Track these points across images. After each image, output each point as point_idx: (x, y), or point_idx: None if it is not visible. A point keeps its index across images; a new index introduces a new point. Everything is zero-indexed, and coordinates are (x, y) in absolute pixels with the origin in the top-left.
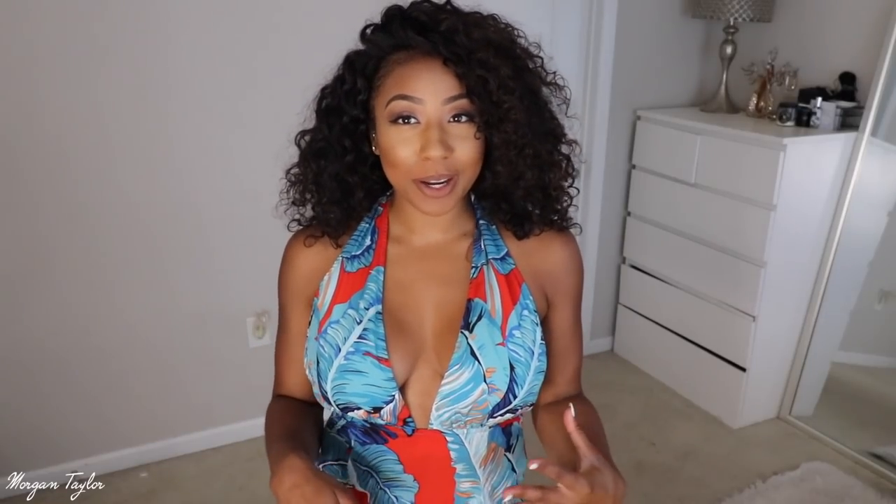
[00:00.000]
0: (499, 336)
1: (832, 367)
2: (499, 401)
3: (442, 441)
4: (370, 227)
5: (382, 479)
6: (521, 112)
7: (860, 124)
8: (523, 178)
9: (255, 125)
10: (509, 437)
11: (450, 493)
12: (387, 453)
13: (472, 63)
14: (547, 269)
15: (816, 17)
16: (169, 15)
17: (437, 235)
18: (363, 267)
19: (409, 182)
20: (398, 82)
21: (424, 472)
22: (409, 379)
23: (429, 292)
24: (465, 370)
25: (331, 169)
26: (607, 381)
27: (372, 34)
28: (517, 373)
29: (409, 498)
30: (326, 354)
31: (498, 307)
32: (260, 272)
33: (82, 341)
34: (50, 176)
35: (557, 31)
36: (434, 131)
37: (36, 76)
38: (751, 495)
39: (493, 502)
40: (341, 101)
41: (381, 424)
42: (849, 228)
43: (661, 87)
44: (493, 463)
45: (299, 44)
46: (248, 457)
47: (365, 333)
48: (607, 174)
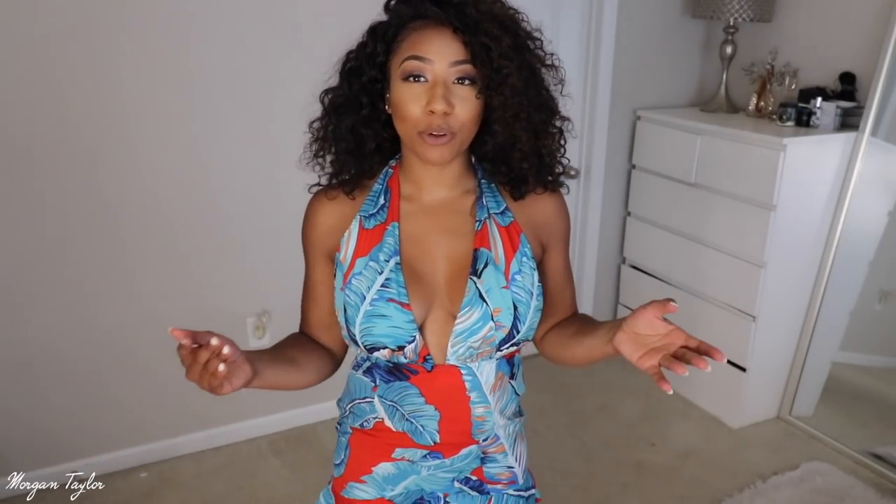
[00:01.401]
0: (503, 280)
1: (832, 367)
2: (504, 336)
3: (457, 374)
4: (383, 187)
5: (407, 412)
6: (519, 80)
7: (860, 124)
8: (519, 141)
9: (255, 126)
10: (512, 367)
11: (467, 418)
12: (409, 388)
13: (477, 32)
14: (541, 219)
15: (816, 17)
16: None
17: (444, 192)
18: (379, 224)
19: (415, 134)
20: (412, 45)
21: (444, 402)
22: (426, 321)
23: (439, 244)
24: (475, 311)
25: (347, 121)
26: (607, 381)
27: (395, 5)
28: (520, 311)
29: (434, 426)
30: (353, 302)
31: (501, 255)
32: (260, 272)
33: (82, 341)
34: (49, 177)
35: (558, 31)
36: (439, 88)
37: (52, 71)
38: (751, 495)
39: (503, 421)
40: (362, 63)
41: (403, 363)
42: (849, 228)
43: (661, 87)
44: (500, 389)
45: (312, 48)
46: (248, 457)
47: (387, 282)
48: (607, 174)
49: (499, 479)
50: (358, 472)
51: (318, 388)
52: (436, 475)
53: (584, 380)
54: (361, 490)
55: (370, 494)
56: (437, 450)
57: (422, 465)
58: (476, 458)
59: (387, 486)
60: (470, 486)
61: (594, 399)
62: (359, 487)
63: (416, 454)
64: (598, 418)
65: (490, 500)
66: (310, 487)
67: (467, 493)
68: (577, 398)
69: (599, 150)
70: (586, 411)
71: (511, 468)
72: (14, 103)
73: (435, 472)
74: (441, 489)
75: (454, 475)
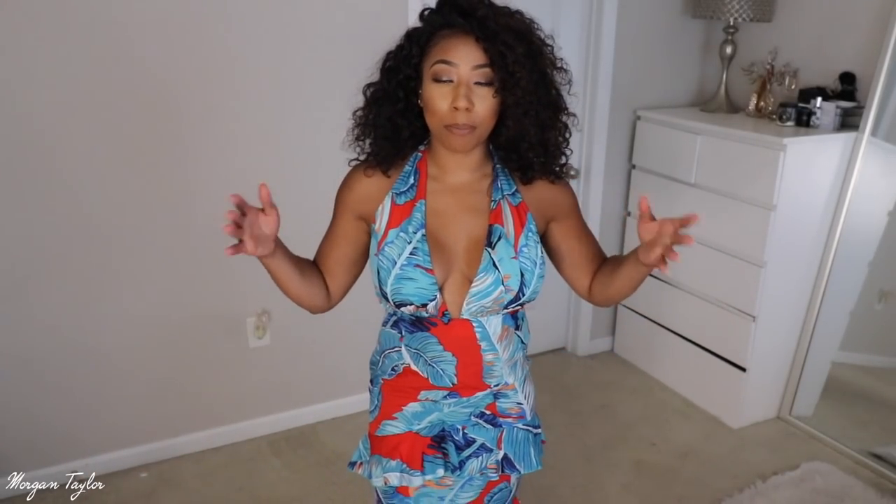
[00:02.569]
0: (512, 252)
1: (832, 367)
2: (512, 297)
3: (469, 326)
4: (412, 169)
5: (429, 357)
6: (529, 82)
7: (860, 124)
8: (528, 133)
9: (258, 126)
10: (517, 320)
11: (479, 362)
12: (430, 338)
13: (496, 41)
14: (548, 199)
15: (816, 17)
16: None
17: (465, 175)
18: (409, 200)
19: (441, 127)
20: (442, 50)
21: (459, 349)
22: (445, 283)
23: (459, 219)
24: (489, 276)
25: (386, 112)
26: (607, 381)
27: (428, 15)
28: (525, 278)
29: (452, 370)
30: (385, 266)
31: (511, 231)
32: (260, 272)
33: (82, 341)
34: (48, 175)
35: (558, 32)
36: (463, 88)
37: (30, 75)
38: (751, 495)
39: (509, 367)
40: (399, 63)
41: (425, 317)
42: (849, 228)
43: (661, 87)
44: (506, 339)
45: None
46: (248, 457)
47: (414, 251)
48: (607, 174)
49: (510, 413)
50: (390, 412)
51: (318, 388)
52: (456, 411)
53: (584, 380)
54: (393, 426)
55: (400, 429)
56: (454, 391)
57: (443, 404)
58: (489, 395)
59: (414, 421)
60: (485, 419)
61: (594, 399)
62: (391, 424)
63: (437, 395)
64: (598, 418)
65: (502, 432)
66: (310, 487)
67: (482, 425)
68: (577, 398)
69: (599, 150)
70: (586, 411)
71: (520, 404)
72: (11, 102)
73: (455, 408)
74: (460, 422)
75: (471, 410)
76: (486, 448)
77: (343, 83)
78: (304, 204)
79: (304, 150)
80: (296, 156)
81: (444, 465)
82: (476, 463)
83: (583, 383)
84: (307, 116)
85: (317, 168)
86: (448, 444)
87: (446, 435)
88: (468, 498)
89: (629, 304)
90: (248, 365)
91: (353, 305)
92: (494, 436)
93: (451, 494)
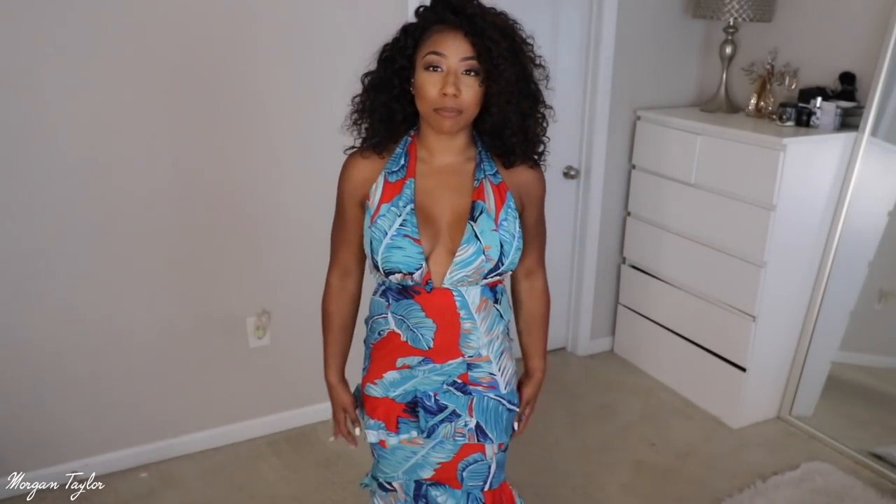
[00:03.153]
0: (493, 225)
1: (832, 367)
2: (492, 267)
3: (450, 295)
4: (403, 151)
5: (412, 323)
6: (511, 75)
7: (860, 124)
8: (510, 121)
9: (254, 128)
10: (496, 294)
11: (456, 330)
12: (414, 305)
13: (482, 37)
14: (523, 184)
15: (816, 17)
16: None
17: (451, 158)
18: (399, 179)
19: (431, 110)
20: (433, 43)
21: (439, 316)
22: (431, 254)
23: (445, 196)
24: (472, 246)
25: (382, 98)
26: (607, 381)
27: (422, 11)
28: (505, 249)
29: (430, 335)
30: (377, 237)
31: (492, 206)
32: (260, 272)
33: (82, 341)
34: (48, 174)
35: (558, 32)
36: (451, 77)
37: (34, 77)
38: (751, 495)
39: (487, 338)
40: (395, 54)
41: (410, 285)
42: (849, 228)
43: (661, 87)
44: (485, 311)
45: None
46: (248, 457)
47: (404, 222)
48: (607, 174)
49: (480, 382)
50: (374, 376)
51: (318, 388)
52: (429, 378)
53: (584, 380)
54: (374, 389)
55: (379, 393)
56: (429, 356)
57: (418, 370)
58: (462, 365)
59: (391, 388)
60: (456, 387)
61: (594, 399)
62: (372, 387)
63: (413, 360)
64: (598, 418)
65: (472, 400)
66: (310, 487)
67: (453, 392)
68: (577, 398)
69: (599, 150)
70: (586, 411)
71: (492, 374)
72: (10, 101)
73: (429, 375)
74: (432, 390)
75: (444, 378)
76: (457, 414)
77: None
78: (304, 204)
79: (300, 149)
80: (293, 158)
81: (417, 428)
82: (449, 428)
83: (583, 383)
84: (305, 119)
85: (320, 163)
86: (419, 410)
87: (419, 401)
88: (440, 458)
89: (629, 304)
90: (248, 365)
91: None
92: (465, 403)
93: (424, 451)
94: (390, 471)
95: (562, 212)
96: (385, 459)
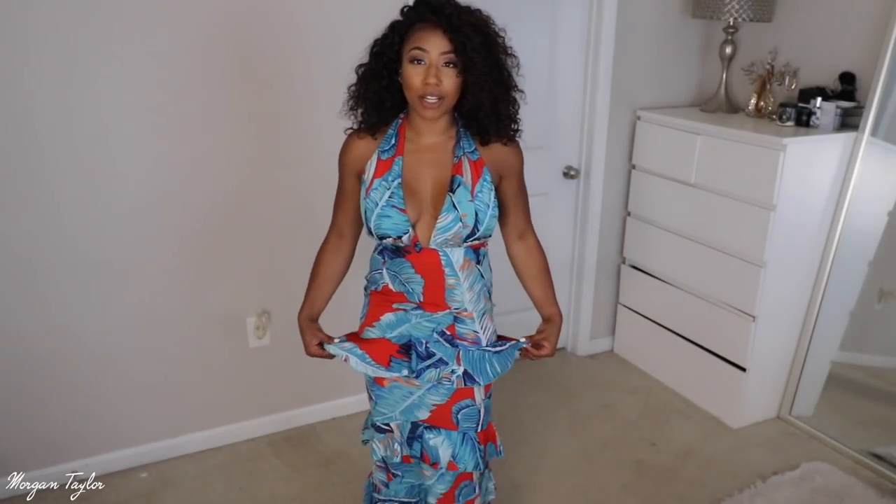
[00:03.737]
0: (469, 196)
1: (832, 367)
2: (468, 232)
3: (436, 255)
4: (394, 132)
5: (403, 278)
6: (484, 65)
7: (860, 124)
8: (483, 105)
9: (251, 128)
10: (478, 255)
11: (442, 285)
12: (405, 262)
13: (458, 34)
14: (500, 159)
15: (816, 17)
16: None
17: (434, 138)
18: (390, 157)
19: (416, 98)
20: (417, 39)
21: (427, 273)
22: (417, 221)
23: (428, 171)
24: (450, 215)
25: (373, 87)
26: (607, 381)
27: (407, 11)
28: (479, 217)
29: (420, 289)
30: (370, 207)
31: (469, 180)
32: (260, 272)
33: (82, 342)
34: (47, 173)
35: (557, 32)
36: (432, 69)
37: (31, 77)
38: (751, 495)
39: (470, 294)
40: (384, 48)
41: (401, 246)
42: (849, 228)
43: (661, 87)
44: (468, 269)
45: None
46: (248, 457)
47: (392, 195)
48: (607, 174)
49: (465, 337)
50: (371, 319)
51: (318, 388)
52: (421, 324)
53: (584, 380)
54: (371, 332)
55: (376, 335)
56: (421, 306)
57: (412, 314)
58: (449, 316)
59: (388, 329)
60: (445, 339)
61: (594, 399)
62: (370, 330)
63: (408, 306)
64: (598, 418)
65: (458, 352)
66: (310, 487)
67: (442, 343)
68: (577, 398)
69: (599, 150)
70: (586, 411)
71: (476, 332)
72: (10, 102)
73: (421, 320)
74: (424, 337)
75: (434, 326)
76: (443, 362)
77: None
78: (302, 204)
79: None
80: (290, 158)
81: (408, 368)
82: (434, 373)
83: (583, 383)
84: (303, 120)
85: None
86: (412, 353)
87: (412, 345)
88: (436, 401)
89: (629, 304)
90: (248, 365)
91: (352, 306)
92: (452, 354)
93: (420, 392)
94: (388, 411)
95: (562, 212)
96: (383, 399)
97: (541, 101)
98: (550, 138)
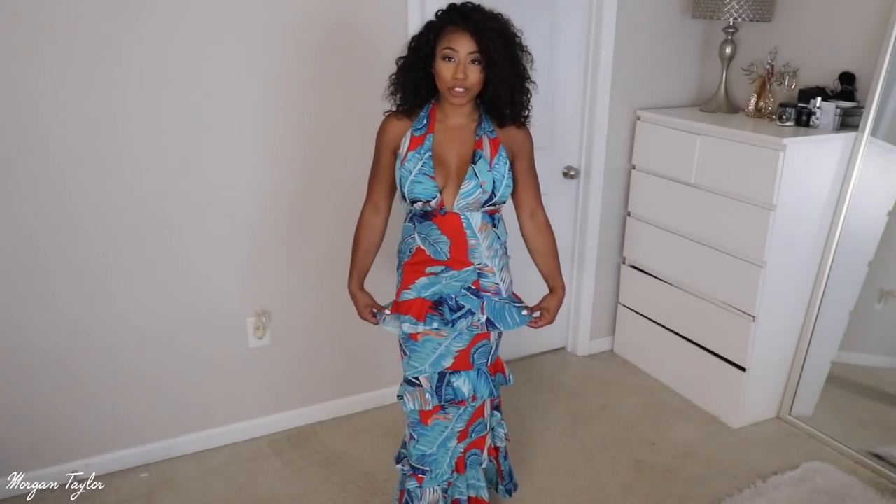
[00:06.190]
0: (488, 167)
1: (832, 367)
2: (487, 197)
3: (459, 218)
4: (426, 114)
5: (432, 239)
6: (504, 63)
7: (860, 124)
8: (503, 95)
9: (255, 126)
10: (494, 220)
11: (465, 244)
12: (432, 225)
13: (483, 36)
14: (513, 138)
15: (816, 17)
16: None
17: (460, 120)
18: (422, 134)
19: (447, 89)
20: (448, 40)
21: (452, 234)
22: (444, 187)
23: (454, 147)
24: (472, 182)
25: (411, 76)
26: (607, 381)
27: (440, 15)
28: (496, 185)
29: (446, 249)
30: (405, 175)
31: (488, 154)
32: (261, 272)
33: (82, 341)
34: (47, 174)
35: (557, 31)
36: (461, 66)
37: (32, 76)
38: (751, 495)
39: (489, 253)
40: (421, 44)
41: (429, 211)
42: (849, 228)
43: (661, 87)
44: (485, 231)
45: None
46: (248, 457)
47: (423, 165)
48: (607, 174)
49: (488, 290)
50: (407, 283)
51: (318, 388)
52: (450, 283)
53: (584, 380)
54: (408, 293)
55: (412, 295)
56: (448, 265)
57: (442, 277)
58: (474, 273)
59: (423, 290)
60: (471, 292)
61: (594, 399)
62: (407, 293)
63: (438, 269)
64: (598, 418)
65: (483, 302)
66: (310, 487)
67: (469, 296)
68: (577, 398)
69: (599, 150)
70: (586, 411)
71: (497, 283)
72: (10, 104)
73: (450, 281)
74: (453, 293)
75: (461, 283)
76: (472, 312)
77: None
78: (305, 205)
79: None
80: (295, 158)
81: (441, 321)
82: (465, 322)
83: (583, 383)
84: (302, 121)
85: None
86: (444, 307)
87: (443, 300)
88: (459, 346)
89: (629, 304)
90: (248, 365)
91: (352, 307)
92: (478, 304)
93: (447, 342)
94: (419, 364)
95: (562, 212)
96: (416, 353)
97: (541, 102)
98: (550, 138)
